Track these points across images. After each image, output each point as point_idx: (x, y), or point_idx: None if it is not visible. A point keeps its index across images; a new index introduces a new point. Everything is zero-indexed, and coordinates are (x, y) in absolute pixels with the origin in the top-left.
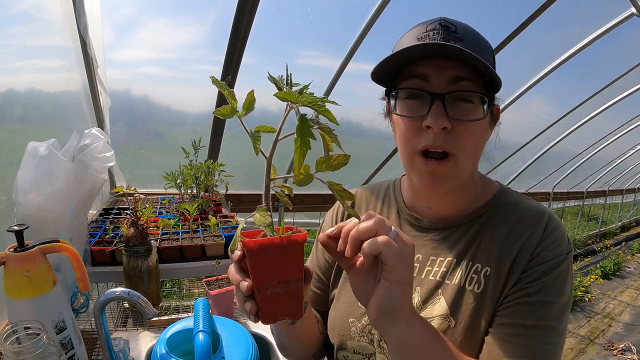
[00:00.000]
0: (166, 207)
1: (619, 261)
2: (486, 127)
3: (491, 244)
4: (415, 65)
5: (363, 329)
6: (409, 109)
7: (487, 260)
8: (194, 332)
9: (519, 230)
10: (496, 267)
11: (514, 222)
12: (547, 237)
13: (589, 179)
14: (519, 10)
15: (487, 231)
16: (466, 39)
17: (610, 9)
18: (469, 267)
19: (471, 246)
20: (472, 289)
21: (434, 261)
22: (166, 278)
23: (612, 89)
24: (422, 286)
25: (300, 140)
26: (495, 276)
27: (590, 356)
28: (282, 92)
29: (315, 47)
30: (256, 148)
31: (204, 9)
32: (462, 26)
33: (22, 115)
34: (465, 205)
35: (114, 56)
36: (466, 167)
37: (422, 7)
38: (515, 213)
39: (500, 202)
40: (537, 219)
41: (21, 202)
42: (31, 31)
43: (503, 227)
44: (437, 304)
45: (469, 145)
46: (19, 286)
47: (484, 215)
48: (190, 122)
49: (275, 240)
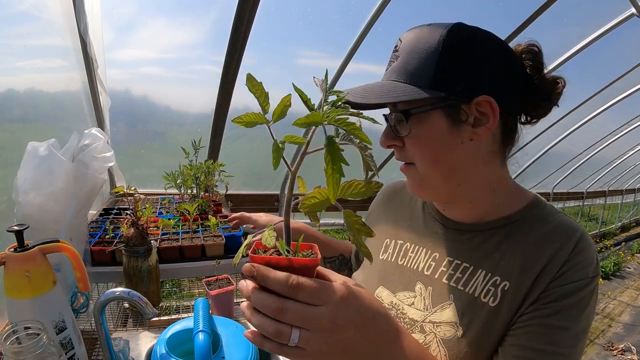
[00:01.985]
0: (166, 207)
1: (618, 261)
2: (443, 133)
3: (513, 258)
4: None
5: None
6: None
7: (507, 274)
8: (194, 332)
9: (546, 246)
10: (516, 282)
11: (541, 237)
12: (574, 257)
13: (589, 179)
14: (518, 11)
15: (510, 243)
16: (401, 56)
17: (610, 9)
18: (486, 278)
19: (491, 256)
20: (486, 301)
21: (450, 263)
22: (166, 278)
23: (612, 89)
24: (434, 287)
25: (331, 167)
26: (514, 292)
27: (590, 356)
28: (301, 118)
29: (315, 47)
30: (276, 162)
31: (204, 9)
32: (408, 40)
33: (22, 115)
34: (482, 213)
35: (114, 56)
36: (430, 175)
37: (422, 7)
38: (544, 227)
39: (530, 214)
40: (567, 236)
41: (21, 202)
42: (31, 31)
43: (529, 241)
44: (447, 309)
45: (421, 156)
46: (19, 286)
47: (509, 226)
48: (190, 122)
49: (283, 261)
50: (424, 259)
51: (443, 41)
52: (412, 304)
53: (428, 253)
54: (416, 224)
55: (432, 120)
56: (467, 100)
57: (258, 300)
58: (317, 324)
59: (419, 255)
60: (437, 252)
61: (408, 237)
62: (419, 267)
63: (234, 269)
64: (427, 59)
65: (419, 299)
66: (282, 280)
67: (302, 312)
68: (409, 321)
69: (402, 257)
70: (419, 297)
